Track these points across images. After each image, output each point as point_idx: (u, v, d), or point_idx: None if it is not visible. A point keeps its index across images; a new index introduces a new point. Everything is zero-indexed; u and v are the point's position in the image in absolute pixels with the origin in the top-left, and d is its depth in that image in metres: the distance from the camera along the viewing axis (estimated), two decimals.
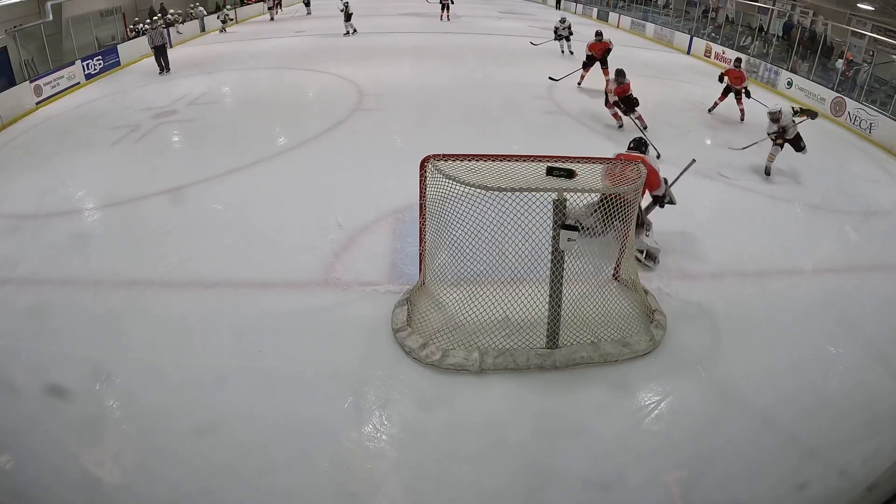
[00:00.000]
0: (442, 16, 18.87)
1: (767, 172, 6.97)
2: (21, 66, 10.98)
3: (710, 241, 5.22)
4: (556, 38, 14.02)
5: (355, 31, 15.95)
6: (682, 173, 5.32)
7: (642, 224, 4.87)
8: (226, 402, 3.47)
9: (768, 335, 4.20)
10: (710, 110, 9.48)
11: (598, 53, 10.72)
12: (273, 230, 5.43)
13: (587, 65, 10.77)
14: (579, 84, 10.81)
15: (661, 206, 5.04)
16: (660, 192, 4.91)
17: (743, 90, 9.20)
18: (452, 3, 19.08)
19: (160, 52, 12.09)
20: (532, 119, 8.53)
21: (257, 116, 9.02)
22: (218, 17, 17.94)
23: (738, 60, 9.96)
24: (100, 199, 6.31)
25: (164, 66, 12.13)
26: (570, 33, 13.99)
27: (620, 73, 8.17)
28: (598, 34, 10.84)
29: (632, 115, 8.24)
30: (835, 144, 9.02)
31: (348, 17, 15.99)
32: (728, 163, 7.28)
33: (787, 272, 5.12)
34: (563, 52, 14.01)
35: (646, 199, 4.82)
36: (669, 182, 5.05)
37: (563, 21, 14.27)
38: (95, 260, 5.04)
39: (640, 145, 5.15)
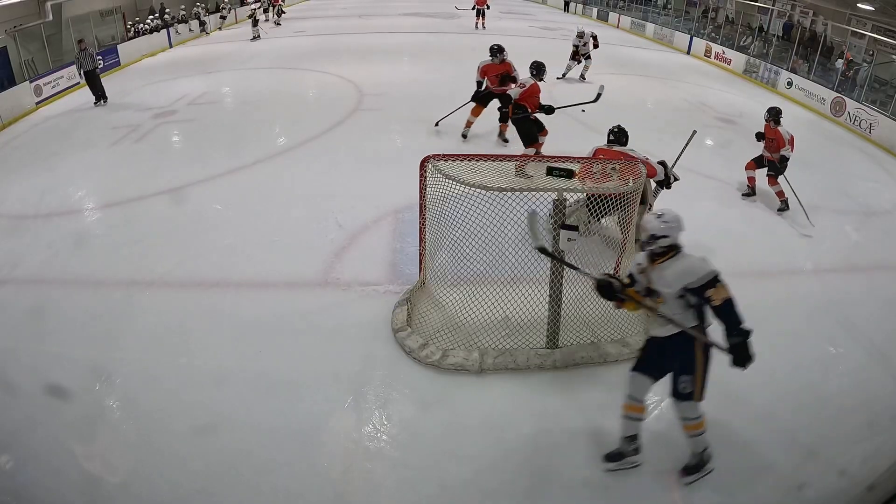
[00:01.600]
0: (477, 23, 16.98)
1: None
2: (21, 66, 11.01)
3: (710, 241, 5.20)
4: (571, 59, 10.91)
5: (258, 37, 15.88)
6: (684, 147, 5.23)
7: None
8: (225, 403, 3.46)
9: (768, 335, 4.14)
10: (744, 194, 6.37)
11: (493, 82, 7.08)
12: (273, 230, 5.42)
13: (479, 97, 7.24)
14: (464, 136, 7.61)
15: (669, 188, 4.95)
16: (660, 177, 4.78)
17: (779, 161, 5.93)
18: (488, 7, 17.10)
19: (91, 79, 9.92)
20: None
21: (257, 116, 9.01)
22: (273, 11, 18.63)
23: (775, 113, 5.97)
24: (100, 199, 6.31)
25: (98, 96, 9.95)
26: (596, 45, 10.98)
27: (540, 68, 6.51)
28: (496, 51, 7.07)
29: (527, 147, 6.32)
30: (835, 144, 9.03)
31: (255, 21, 16.05)
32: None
33: (787, 272, 5.12)
34: (563, 75, 10.75)
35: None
36: (672, 160, 4.97)
37: (580, 35, 10.72)
38: (95, 260, 5.04)
39: (620, 137, 4.88)
